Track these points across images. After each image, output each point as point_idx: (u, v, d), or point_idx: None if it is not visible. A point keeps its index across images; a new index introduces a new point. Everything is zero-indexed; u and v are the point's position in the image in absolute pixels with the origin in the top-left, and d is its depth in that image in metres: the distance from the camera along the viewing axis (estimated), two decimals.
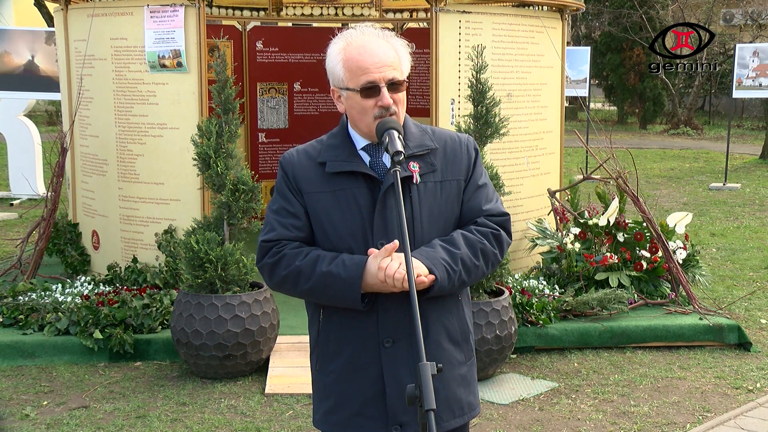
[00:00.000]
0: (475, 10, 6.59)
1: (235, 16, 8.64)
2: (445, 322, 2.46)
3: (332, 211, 2.41)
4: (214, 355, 5.20)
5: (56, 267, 7.26)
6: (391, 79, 2.37)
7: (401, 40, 2.47)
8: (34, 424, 4.69)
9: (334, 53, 2.42)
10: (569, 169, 12.42)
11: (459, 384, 2.49)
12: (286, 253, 2.42)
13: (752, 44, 15.86)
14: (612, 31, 24.55)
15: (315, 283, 2.37)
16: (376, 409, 2.41)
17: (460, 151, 2.51)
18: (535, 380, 5.39)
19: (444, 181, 2.47)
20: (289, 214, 2.45)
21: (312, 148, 2.50)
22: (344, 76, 2.39)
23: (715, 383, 5.35)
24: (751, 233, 10.04)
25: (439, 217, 2.46)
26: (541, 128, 7.18)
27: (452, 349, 2.47)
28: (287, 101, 9.06)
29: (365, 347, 2.40)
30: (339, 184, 2.42)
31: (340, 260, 2.36)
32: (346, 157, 2.43)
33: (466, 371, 2.52)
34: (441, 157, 2.48)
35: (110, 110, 6.67)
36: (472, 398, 2.53)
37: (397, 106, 2.40)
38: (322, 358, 2.49)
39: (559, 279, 6.47)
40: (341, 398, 2.44)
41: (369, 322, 2.39)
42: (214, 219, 5.41)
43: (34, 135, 12.14)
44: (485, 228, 2.49)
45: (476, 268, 2.44)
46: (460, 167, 2.50)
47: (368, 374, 2.41)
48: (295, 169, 2.46)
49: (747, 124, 25.49)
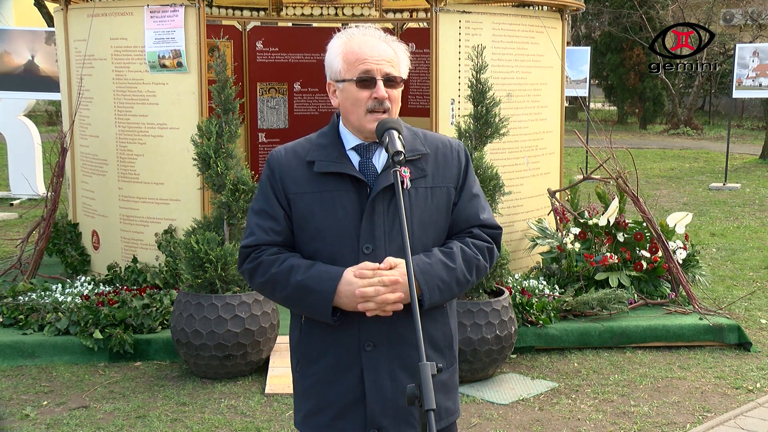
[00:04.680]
0: (475, 10, 6.59)
1: (235, 16, 8.64)
2: (429, 329, 2.44)
3: (317, 212, 2.38)
4: (214, 355, 5.20)
5: (56, 267, 7.26)
6: (387, 73, 2.37)
7: (401, 44, 2.47)
8: (34, 424, 4.69)
9: (335, 47, 2.42)
10: (569, 169, 12.42)
11: (438, 390, 2.43)
12: (263, 260, 2.40)
13: (752, 44, 15.86)
14: (612, 31, 24.56)
15: (289, 293, 2.37)
16: (356, 412, 2.40)
17: (451, 157, 2.49)
18: (535, 380, 5.39)
19: (434, 188, 2.45)
20: (269, 217, 2.43)
21: (300, 147, 2.47)
22: (342, 67, 2.39)
23: (715, 383, 5.35)
24: (751, 233, 10.04)
25: (429, 224, 2.44)
26: (541, 128, 7.18)
27: (434, 356, 2.45)
28: (287, 101, 9.06)
29: (346, 351, 2.39)
30: (326, 185, 2.39)
31: (314, 271, 2.34)
32: (335, 158, 2.40)
33: (446, 378, 2.51)
34: (432, 163, 2.46)
35: (110, 110, 6.67)
36: (450, 404, 2.52)
37: (391, 104, 2.39)
38: (303, 361, 2.48)
39: (559, 279, 6.47)
40: (322, 401, 2.43)
41: (350, 326, 2.38)
42: (214, 219, 5.41)
43: (34, 135, 12.14)
44: (481, 241, 2.49)
45: (467, 284, 2.45)
46: (451, 174, 2.48)
47: (349, 378, 2.40)
48: (282, 168, 2.43)
49: (747, 124, 25.50)
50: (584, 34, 27.36)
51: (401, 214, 2.21)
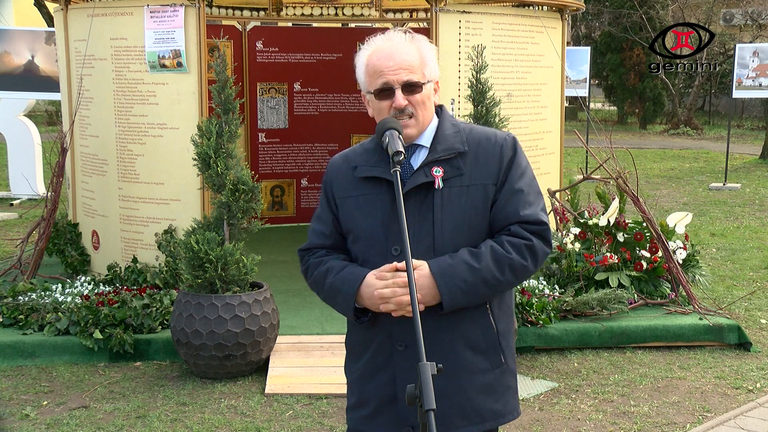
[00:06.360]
0: (475, 10, 6.59)
1: (235, 16, 8.64)
2: (463, 329, 2.41)
3: (356, 215, 2.47)
4: (214, 355, 5.20)
5: (56, 267, 7.26)
6: (406, 81, 2.39)
7: (429, 44, 2.48)
8: (34, 424, 4.69)
9: (360, 61, 2.49)
10: (569, 169, 12.41)
11: (479, 391, 2.43)
12: (311, 262, 2.55)
13: (752, 44, 15.85)
14: (612, 31, 24.55)
15: (325, 294, 2.51)
16: (390, 410, 2.45)
17: (493, 153, 2.43)
18: (535, 380, 5.39)
19: (470, 186, 2.40)
20: (320, 221, 2.57)
21: (352, 152, 2.57)
22: (366, 80, 2.47)
23: (715, 383, 5.35)
24: (751, 233, 10.04)
25: (464, 224, 2.39)
26: (541, 128, 7.18)
27: (472, 357, 2.42)
28: (287, 101, 9.06)
29: (381, 350, 2.45)
30: (365, 189, 2.47)
31: (344, 272, 2.44)
32: (375, 162, 2.45)
33: (492, 379, 2.45)
34: (471, 160, 2.42)
35: (110, 110, 6.67)
36: (499, 406, 2.47)
37: (415, 108, 2.41)
38: (349, 356, 2.60)
39: (559, 279, 6.47)
40: (362, 396, 2.52)
41: (382, 327, 2.43)
42: (214, 219, 5.41)
43: (34, 135, 12.14)
44: (518, 238, 2.39)
45: (499, 284, 2.37)
46: (490, 171, 2.42)
47: (383, 377, 2.46)
48: (333, 173, 2.56)
49: (747, 124, 25.49)
50: (584, 34, 27.36)
51: (401, 214, 2.23)
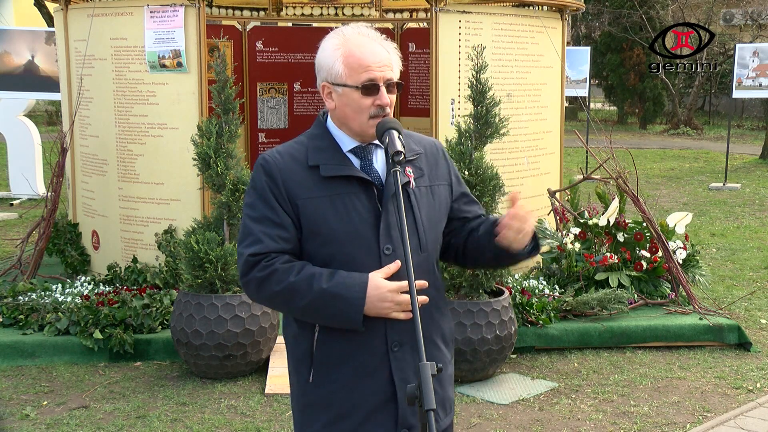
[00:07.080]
0: (475, 10, 6.59)
1: (235, 16, 8.63)
2: (441, 324, 2.49)
3: (330, 216, 2.33)
4: (214, 355, 5.20)
5: (56, 267, 7.26)
6: (389, 79, 2.37)
7: (392, 43, 2.46)
8: (34, 424, 4.69)
9: (331, 48, 2.37)
10: (569, 169, 12.41)
11: (449, 382, 2.55)
12: (277, 267, 2.30)
13: (752, 44, 15.85)
14: (612, 31, 24.54)
15: (311, 302, 2.28)
16: (386, 414, 2.37)
17: (438, 156, 2.55)
18: (535, 380, 5.39)
19: (432, 186, 2.48)
20: (274, 224, 2.33)
21: (295, 150, 2.40)
22: (343, 71, 2.34)
23: (715, 383, 5.35)
24: (751, 233, 10.04)
25: (435, 221, 2.48)
26: (541, 128, 7.18)
27: (445, 349, 2.51)
28: (287, 101, 9.06)
29: (372, 354, 2.35)
30: (335, 189, 2.34)
31: (339, 278, 2.28)
32: (339, 161, 2.37)
33: (452, 370, 2.60)
34: (425, 162, 2.49)
35: (110, 110, 6.67)
36: (453, 396, 2.61)
37: (389, 108, 2.41)
38: (320, 370, 2.39)
39: (559, 279, 6.47)
40: (345, 407, 2.37)
41: (377, 329, 2.34)
42: (214, 219, 5.41)
43: (34, 135, 12.13)
44: None
45: None
46: (444, 172, 2.54)
47: (375, 381, 2.36)
48: (284, 174, 2.35)
49: (747, 124, 25.49)
50: (584, 34, 27.35)
51: (401, 213, 2.23)
